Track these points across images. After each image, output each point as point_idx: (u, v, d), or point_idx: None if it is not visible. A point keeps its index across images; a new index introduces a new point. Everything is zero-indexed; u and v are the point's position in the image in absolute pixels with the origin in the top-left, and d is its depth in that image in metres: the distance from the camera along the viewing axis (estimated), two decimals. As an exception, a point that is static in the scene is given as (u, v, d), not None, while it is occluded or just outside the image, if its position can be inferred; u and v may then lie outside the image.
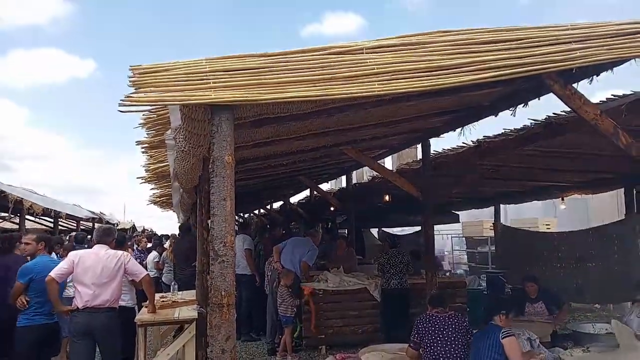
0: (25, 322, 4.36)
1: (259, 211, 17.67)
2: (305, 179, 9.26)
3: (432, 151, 6.22)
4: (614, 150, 4.31)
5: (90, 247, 5.17)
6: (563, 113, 4.14)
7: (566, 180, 8.17)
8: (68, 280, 4.65)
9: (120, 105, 2.21)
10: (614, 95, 3.75)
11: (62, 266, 4.33)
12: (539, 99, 4.11)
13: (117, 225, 19.38)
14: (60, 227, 12.75)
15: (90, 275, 4.28)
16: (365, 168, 12.35)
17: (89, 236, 8.49)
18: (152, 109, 3.13)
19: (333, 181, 13.54)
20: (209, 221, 2.45)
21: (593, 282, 8.12)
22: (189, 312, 4.70)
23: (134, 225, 21.05)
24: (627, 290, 6.27)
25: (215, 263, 2.40)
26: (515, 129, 4.80)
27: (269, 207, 15.86)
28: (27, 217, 10.04)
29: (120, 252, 4.60)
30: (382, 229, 13.83)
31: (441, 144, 7.49)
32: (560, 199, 9.44)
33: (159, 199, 8.33)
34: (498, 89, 4.07)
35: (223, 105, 2.47)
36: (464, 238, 16.01)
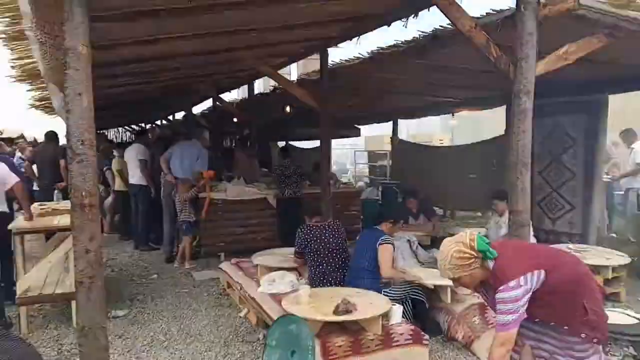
0: None
1: (161, 122, 16.86)
2: (205, 87, 8.86)
3: (330, 62, 6.19)
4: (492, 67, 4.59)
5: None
6: (449, 26, 4.24)
7: (457, 96, 8.62)
8: None
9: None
10: (493, 10, 3.89)
11: None
12: (428, 10, 4.18)
13: (1, 133, 17.49)
14: None
15: None
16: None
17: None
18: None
19: (239, 91, 13.14)
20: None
21: (474, 192, 8.97)
22: (69, 219, 4.50)
23: (22, 134, 19.14)
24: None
25: (74, 162, 2.27)
26: (405, 41, 4.88)
27: (171, 117, 15.18)
28: None
29: None
30: (289, 142, 13.93)
31: (342, 56, 7.42)
32: (451, 114, 10.01)
33: (39, 103, 7.53)
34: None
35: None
36: (366, 152, 16.67)
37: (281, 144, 14.73)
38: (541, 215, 7.00)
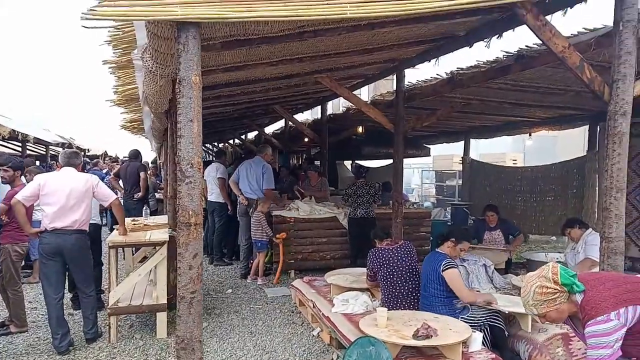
0: None
1: (234, 141, 17.54)
2: (280, 108, 9.16)
3: (406, 83, 6.21)
4: (581, 86, 4.41)
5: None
6: (535, 46, 4.15)
7: (535, 116, 8.34)
8: (36, 204, 4.59)
9: (82, 18, 2.10)
10: (585, 29, 3.76)
11: (28, 189, 4.29)
12: (513, 31, 4.11)
13: (89, 151, 18.99)
14: (28, 152, 12.40)
15: (57, 198, 4.24)
16: (342, 99, 12.26)
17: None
18: (119, 25, 2.98)
19: (309, 112, 13.43)
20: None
21: (550, 215, 8.56)
22: (161, 234, 4.80)
23: (105, 152, 20.66)
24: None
25: (183, 184, 2.43)
26: (487, 61, 4.81)
27: (243, 137, 15.76)
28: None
29: (88, 176, 4.57)
30: (356, 161, 14.01)
31: (417, 76, 7.44)
32: (528, 134, 9.67)
33: (129, 124, 8.16)
34: (474, 19, 4.04)
35: (190, 23, 2.39)
36: (433, 172, 16.39)
37: (347, 162, 14.87)
38: (628, 242, 6.55)
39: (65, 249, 4.27)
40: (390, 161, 13.15)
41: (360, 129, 9.30)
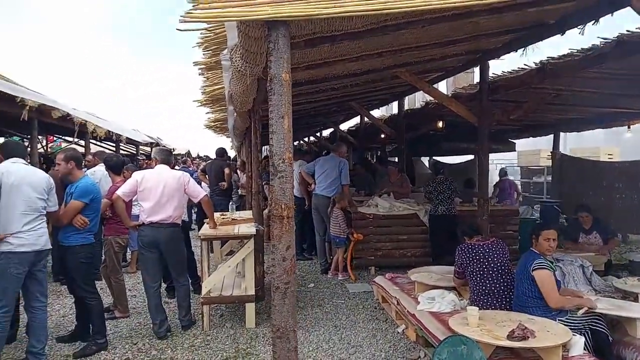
0: (82, 240, 4.29)
1: (308, 139, 17.82)
2: (356, 104, 9.17)
3: (490, 74, 5.97)
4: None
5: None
6: (637, 30, 3.82)
7: (635, 107, 7.65)
8: (134, 199, 4.94)
9: (180, 22, 2.24)
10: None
11: (127, 185, 4.63)
12: (611, 15, 3.80)
13: (174, 150, 20.16)
14: (121, 151, 13.43)
15: (153, 194, 4.55)
16: (418, 94, 12.01)
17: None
18: (210, 27, 3.14)
19: (384, 108, 13.31)
20: (270, 139, 2.52)
21: (654, 213, 7.84)
22: (248, 228, 4.98)
23: (189, 151, 21.81)
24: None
25: (275, 178, 2.51)
26: (582, 49, 4.49)
27: (318, 134, 15.96)
28: (92, 141, 10.64)
29: (180, 173, 4.85)
30: (434, 157, 13.68)
31: (501, 67, 7.12)
32: (627, 126, 8.90)
33: (213, 124, 8.57)
34: (566, 5, 3.78)
35: (280, 21, 2.46)
36: (518, 168, 15.59)
37: (424, 159, 14.56)
38: None
39: (161, 241, 4.57)
40: (469, 157, 12.72)
41: (440, 124, 9.06)
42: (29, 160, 4.20)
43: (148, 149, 16.33)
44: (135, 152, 15.37)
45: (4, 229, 3.65)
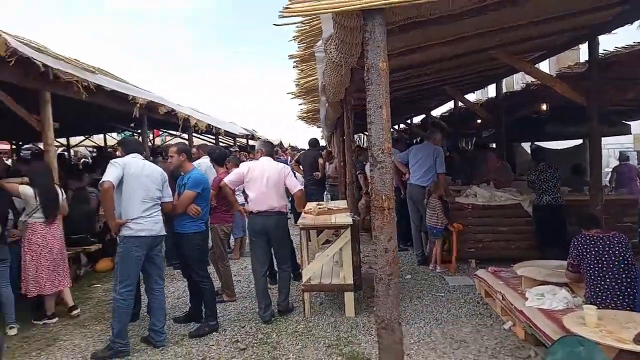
0: (195, 228, 4.60)
1: (398, 126, 17.49)
2: (450, 89, 8.82)
3: (600, 51, 5.41)
4: None
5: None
6: None
7: None
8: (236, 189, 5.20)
9: (279, 17, 2.28)
10: None
11: (234, 174, 4.89)
12: None
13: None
14: (220, 143, 14.17)
15: (258, 184, 4.77)
16: (517, 76, 11.27)
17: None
18: (305, 21, 3.18)
19: (478, 92, 12.67)
20: (367, 129, 2.50)
21: None
22: (344, 218, 5.02)
23: (281, 142, 22.46)
24: None
25: (375, 169, 2.49)
26: None
27: (409, 121, 15.61)
28: (194, 134, 11.34)
29: (282, 165, 5.02)
30: (535, 143, 12.77)
31: (612, 42, 6.42)
32: None
33: (305, 115, 8.74)
34: None
35: (375, 9, 2.41)
36: (635, 152, 14.08)
37: (525, 145, 13.64)
38: None
39: (270, 228, 4.79)
40: (575, 142, 11.69)
41: (544, 107, 8.43)
42: (144, 155, 4.58)
43: (244, 140, 17.09)
44: (232, 144, 16.14)
45: (126, 215, 4.03)
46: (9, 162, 11.69)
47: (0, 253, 4.59)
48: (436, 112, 13.99)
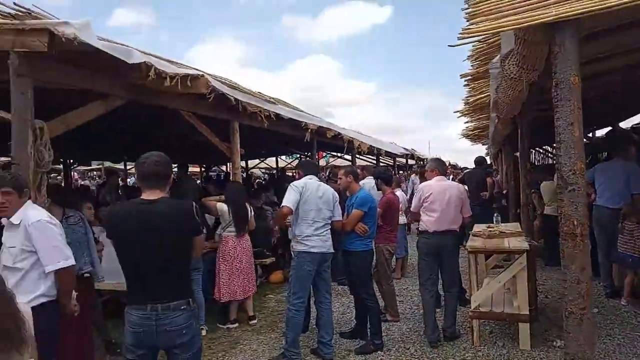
0: (363, 247, 4.74)
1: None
2: (645, 97, 7.60)
3: None
4: None
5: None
6: None
7: None
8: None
9: (458, 39, 2.27)
10: None
11: (416, 197, 4.97)
12: None
13: (426, 161, 20.62)
14: (380, 163, 14.44)
15: (438, 203, 4.75)
16: None
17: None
18: (482, 39, 3.10)
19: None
20: (555, 148, 2.32)
21: None
22: (520, 243, 4.68)
23: (449, 161, 21.98)
24: None
25: (565, 192, 2.28)
26: None
27: (590, 134, 13.87)
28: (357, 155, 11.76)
29: (459, 185, 5.02)
30: None
31: None
32: None
33: (471, 132, 8.44)
34: None
35: (566, 21, 2.24)
36: None
37: None
38: None
39: (443, 249, 4.75)
40: None
41: None
42: (319, 177, 4.91)
43: (403, 160, 17.14)
44: (392, 163, 16.31)
45: (300, 233, 4.35)
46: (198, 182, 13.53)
47: (194, 263, 5.30)
48: (625, 124, 12.19)
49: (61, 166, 14.23)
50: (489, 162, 13.35)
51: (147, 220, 2.49)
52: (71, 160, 15.05)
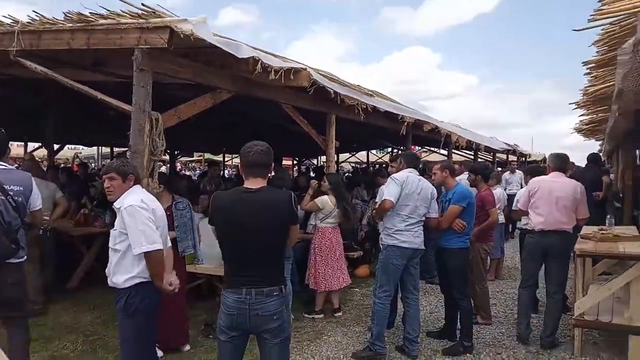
0: (460, 244, 4.55)
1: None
2: None
3: None
4: None
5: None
6: None
7: None
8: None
9: (589, 20, 2.08)
10: None
11: (524, 194, 4.84)
12: None
13: (529, 157, 19.41)
14: (478, 159, 13.78)
15: (544, 201, 4.52)
16: None
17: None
18: (616, 21, 2.80)
19: None
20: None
21: None
22: (636, 248, 4.24)
23: (544, 157, 20.57)
24: None
25: None
26: None
27: None
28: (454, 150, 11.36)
29: (576, 183, 4.64)
30: None
31: None
32: None
33: (585, 127, 7.77)
34: None
35: None
36: None
37: None
38: None
39: (549, 248, 4.54)
40: None
41: None
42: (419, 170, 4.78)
43: (504, 156, 16.22)
44: (491, 159, 15.52)
45: (392, 225, 4.28)
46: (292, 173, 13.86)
47: (286, 252, 5.40)
48: None
49: (167, 157, 15.37)
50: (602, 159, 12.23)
51: (251, 207, 2.60)
52: (177, 152, 16.22)
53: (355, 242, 7.50)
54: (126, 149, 3.71)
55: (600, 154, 8.71)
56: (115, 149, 15.43)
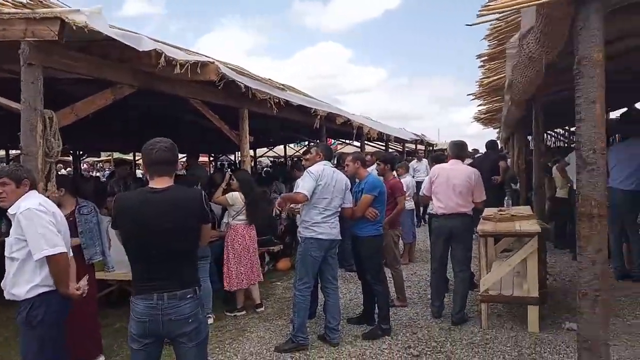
0: (374, 232, 4.67)
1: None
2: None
3: None
4: None
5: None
6: None
7: None
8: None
9: (478, 16, 2.21)
10: None
11: (427, 181, 5.07)
12: None
13: (436, 146, 20.50)
14: (389, 149, 14.34)
15: (443, 187, 4.79)
16: None
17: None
18: (502, 16, 3.02)
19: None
20: (575, 128, 2.26)
21: None
22: (531, 226, 4.64)
23: (435, 144, 21.82)
24: None
25: (583, 171, 2.24)
26: None
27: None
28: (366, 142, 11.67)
29: (471, 170, 4.94)
30: None
31: None
32: None
33: (483, 116, 8.34)
34: None
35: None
36: None
37: None
38: None
39: (451, 230, 4.83)
40: None
41: None
42: (332, 163, 4.86)
43: (413, 146, 17.02)
44: (401, 149, 16.20)
45: (309, 218, 4.33)
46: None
47: (202, 251, 5.28)
48: None
49: (70, 158, 14.28)
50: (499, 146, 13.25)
51: (159, 208, 2.46)
52: (80, 152, 15.11)
53: (275, 236, 7.49)
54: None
55: (498, 141, 9.40)
56: (12, 152, 14.06)
